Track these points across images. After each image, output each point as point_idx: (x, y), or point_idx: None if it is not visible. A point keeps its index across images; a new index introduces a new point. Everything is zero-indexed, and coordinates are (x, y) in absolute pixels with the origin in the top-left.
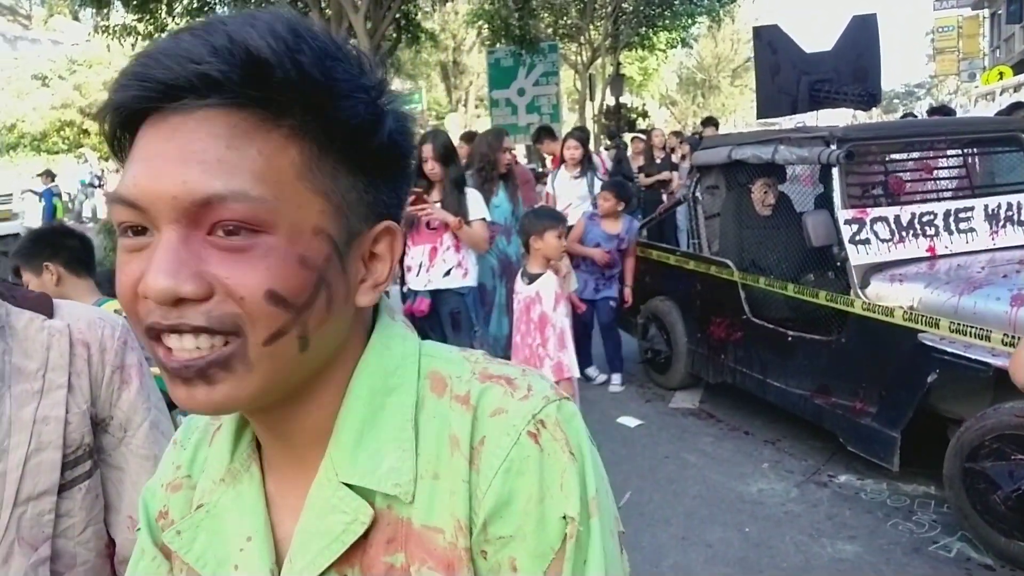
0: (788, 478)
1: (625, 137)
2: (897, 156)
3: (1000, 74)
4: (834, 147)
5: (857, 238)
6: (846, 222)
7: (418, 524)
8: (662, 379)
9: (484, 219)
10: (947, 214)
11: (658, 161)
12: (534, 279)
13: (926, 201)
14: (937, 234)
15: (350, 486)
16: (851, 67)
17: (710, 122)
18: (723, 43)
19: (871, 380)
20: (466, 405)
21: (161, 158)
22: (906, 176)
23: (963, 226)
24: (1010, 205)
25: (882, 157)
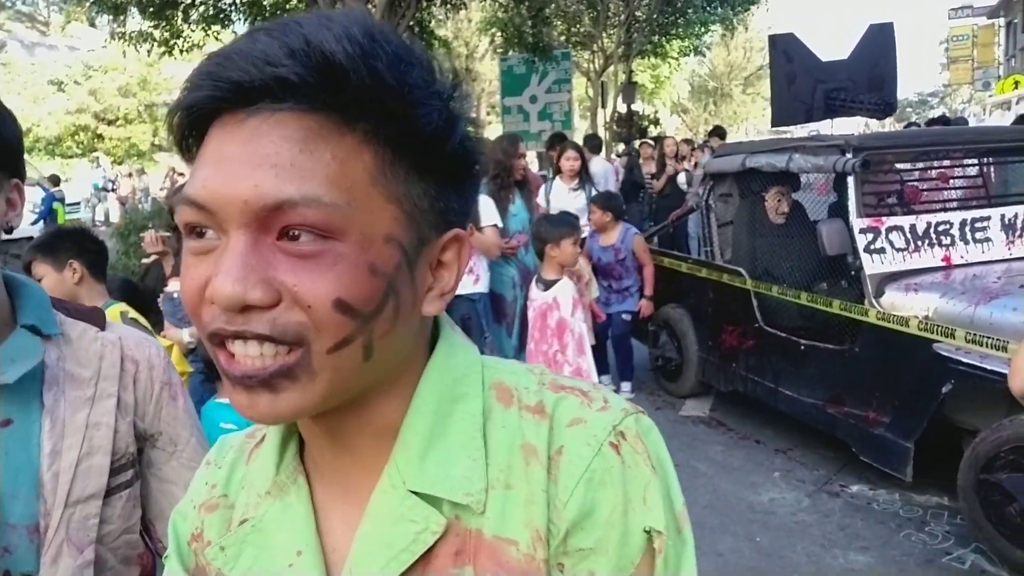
0: (800, 488)
1: (635, 144)
2: (913, 165)
3: (1016, 83)
4: (850, 156)
5: (872, 247)
6: (861, 231)
7: (490, 535)
8: (672, 387)
9: (495, 225)
10: (963, 224)
11: (669, 170)
12: (550, 285)
13: (942, 210)
14: (953, 244)
15: (418, 494)
16: (867, 76)
17: (717, 132)
18: (735, 51)
19: (885, 390)
20: (540, 415)
21: (232, 161)
22: (922, 185)
23: (979, 236)
24: None
25: (898, 166)
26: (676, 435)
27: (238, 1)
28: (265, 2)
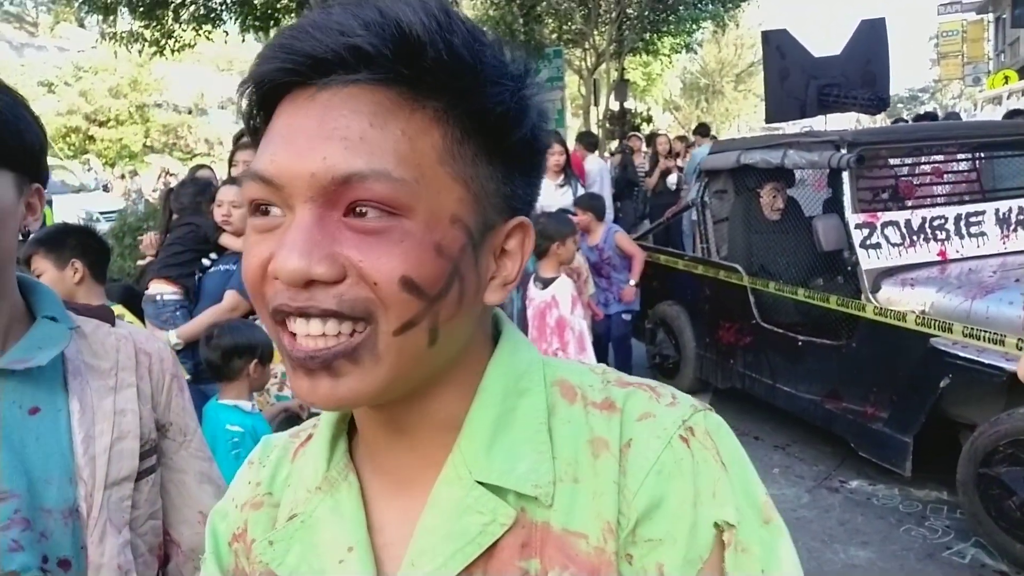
0: (799, 483)
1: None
2: (907, 160)
3: (1005, 78)
4: (844, 151)
5: (868, 242)
6: (857, 226)
7: (558, 528)
8: (670, 384)
9: None
10: (958, 218)
11: (660, 165)
12: (548, 283)
13: (937, 205)
14: (948, 238)
15: (485, 485)
16: (860, 71)
17: (699, 130)
18: (727, 48)
19: (882, 385)
20: (610, 409)
21: (301, 134)
22: (916, 180)
23: (974, 230)
24: (1021, 209)
25: (892, 161)
26: None
27: (229, 1)
28: (256, 1)
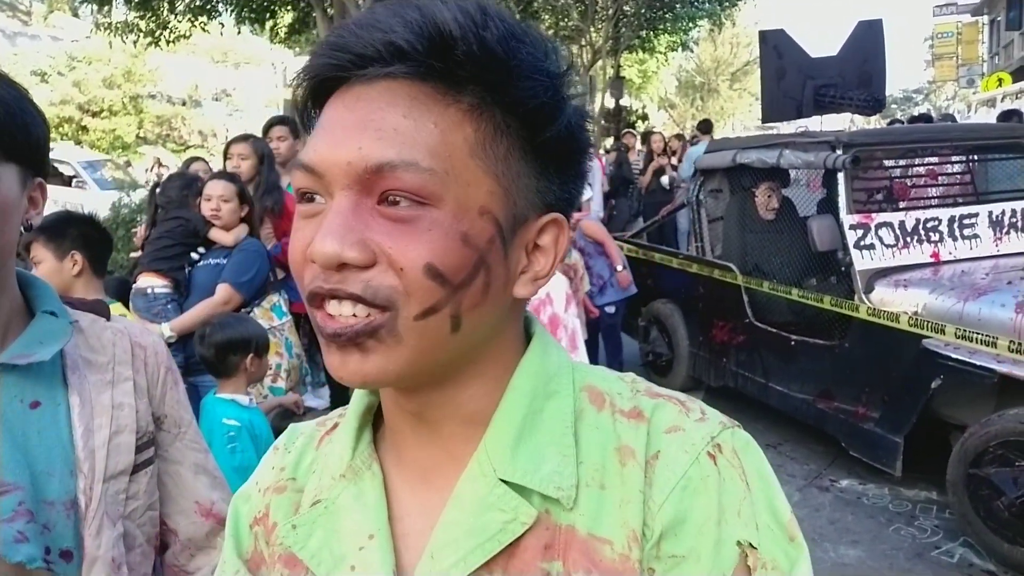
0: (790, 482)
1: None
2: (902, 162)
3: (999, 80)
4: (840, 152)
5: (862, 243)
6: (851, 227)
7: (584, 532)
8: (663, 382)
9: None
10: (951, 220)
11: (654, 164)
12: None
13: (930, 207)
14: (941, 240)
15: (508, 484)
16: (856, 72)
17: (703, 126)
18: (723, 46)
19: (874, 385)
20: (638, 419)
21: (341, 126)
22: (911, 182)
23: (967, 232)
24: (1014, 212)
25: (887, 163)
26: None
27: None
28: None
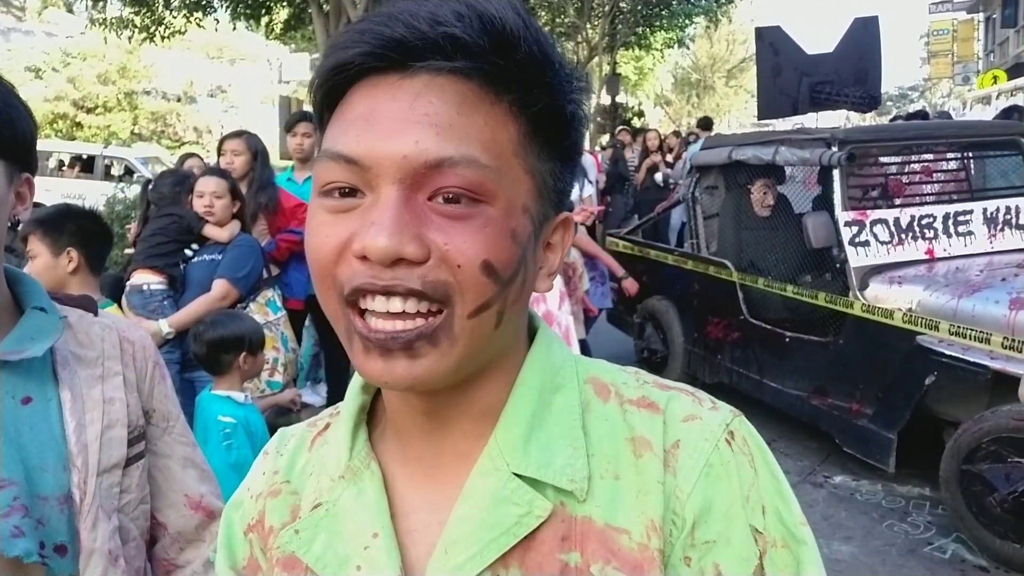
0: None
1: (618, 130)
2: (897, 159)
3: (994, 78)
4: (835, 149)
5: (857, 240)
6: (846, 224)
7: (600, 523)
8: None
9: None
10: (946, 217)
11: (647, 162)
12: None
13: (925, 204)
14: (936, 237)
15: (522, 477)
16: (852, 69)
17: (703, 123)
18: (719, 43)
19: (868, 382)
20: (652, 409)
21: (391, 118)
22: (905, 179)
23: (962, 229)
24: (1008, 209)
25: (882, 160)
26: None
27: None
28: None
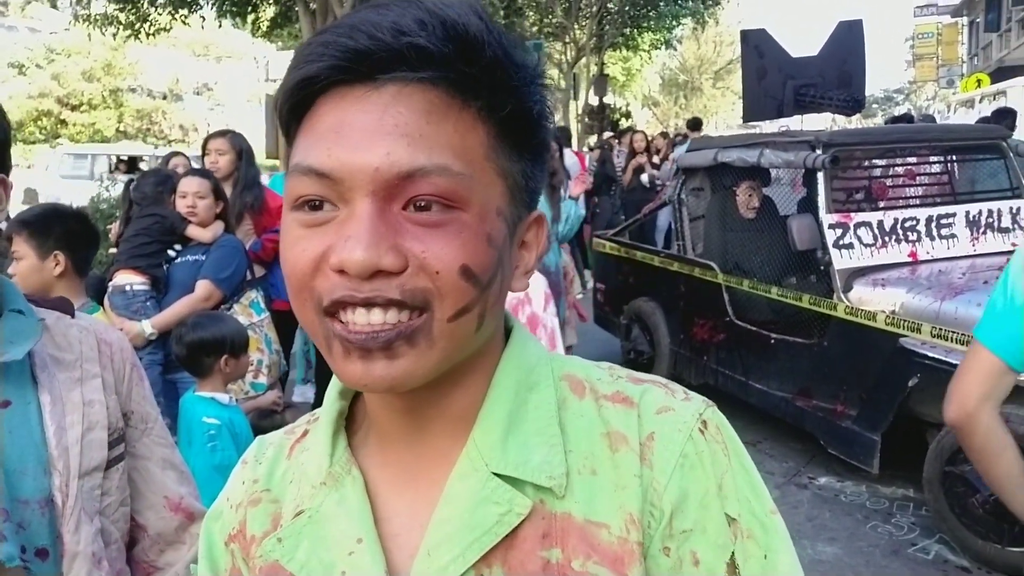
0: (768, 480)
1: (606, 135)
2: (881, 162)
3: (978, 81)
4: (819, 152)
5: (841, 242)
6: (830, 226)
7: (580, 519)
8: None
9: None
10: (929, 220)
11: (632, 163)
12: None
13: (909, 207)
14: (919, 240)
15: (501, 477)
16: (836, 72)
17: (692, 123)
18: (706, 45)
19: (852, 383)
20: (626, 404)
21: (361, 130)
22: (889, 182)
23: (945, 232)
24: (991, 212)
25: (866, 163)
26: None
27: None
28: None
